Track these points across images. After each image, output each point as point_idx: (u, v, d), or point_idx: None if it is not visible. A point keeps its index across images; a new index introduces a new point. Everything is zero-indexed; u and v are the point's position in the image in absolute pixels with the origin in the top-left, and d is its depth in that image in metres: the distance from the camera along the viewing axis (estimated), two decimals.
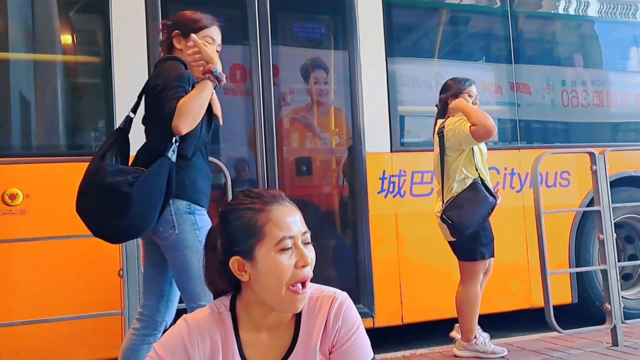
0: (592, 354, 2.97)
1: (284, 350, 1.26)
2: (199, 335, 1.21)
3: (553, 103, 4.20)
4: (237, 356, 1.23)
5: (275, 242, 1.19)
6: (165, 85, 1.99)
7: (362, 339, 1.29)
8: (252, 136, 3.41)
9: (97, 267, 2.80)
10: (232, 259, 1.22)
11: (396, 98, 3.73)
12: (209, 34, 2.15)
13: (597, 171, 3.11)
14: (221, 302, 1.28)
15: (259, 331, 1.26)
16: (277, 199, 1.25)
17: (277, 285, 1.19)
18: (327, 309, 1.27)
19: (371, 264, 3.49)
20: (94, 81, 3.28)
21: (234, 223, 1.23)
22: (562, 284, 3.79)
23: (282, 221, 1.21)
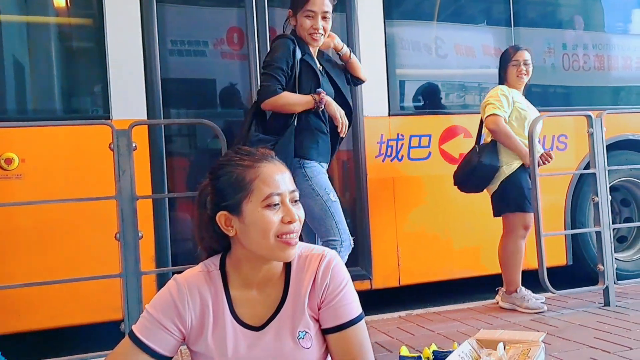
0: (584, 314, 3.02)
1: (274, 305, 1.29)
2: (188, 293, 1.24)
3: (553, 66, 4.16)
4: (228, 312, 1.26)
5: (262, 198, 1.21)
6: (265, 64, 2.45)
7: (350, 295, 1.31)
8: (249, 100, 3.39)
9: (94, 230, 2.83)
10: (218, 214, 1.24)
11: (394, 61, 3.69)
12: (309, 8, 2.51)
13: (594, 134, 3.10)
14: (211, 261, 1.31)
15: (249, 288, 1.28)
16: (267, 157, 1.27)
17: (264, 236, 1.21)
18: (315, 266, 1.29)
19: (369, 227, 3.52)
20: (87, 44, 3.24)
21: (222, 179, 1.24)
22: (558, 246, 3.83)
23: (270, 178, 1.23)
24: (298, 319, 1.27)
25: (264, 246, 1.22)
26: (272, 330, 1.27)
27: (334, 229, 2.44)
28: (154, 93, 3.08)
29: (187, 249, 3.24)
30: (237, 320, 1.26)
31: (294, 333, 1.27)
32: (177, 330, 1.23)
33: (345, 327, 1.28)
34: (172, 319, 1.22)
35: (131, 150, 2.32)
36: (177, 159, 3.34)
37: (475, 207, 3.71)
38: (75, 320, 2.89)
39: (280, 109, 2.42)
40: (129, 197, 2.30)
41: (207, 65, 3.49)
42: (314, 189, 2.44)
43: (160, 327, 1.22)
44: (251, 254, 1.25)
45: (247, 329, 1.26)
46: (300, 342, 1.27)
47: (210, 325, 1.25)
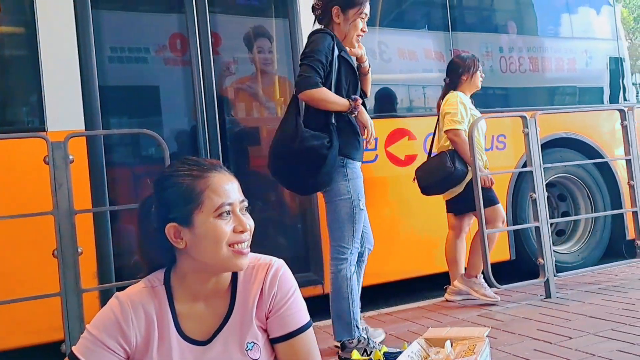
0: (527, 306, 3.15)
1: (220, 318, 1.27)
2: (132, 311, 1.21)
3: (492, 69, 4.31)
4: (173, 328, 1.23)
5: (214, 208, 1.20)
6: (304, 55, 2.44)
7: (298, 304, 1.31)
8: (193, 107, 3.34)
9: (32, 248, 2.69)
10: (168, 226, 1.21)
11: None
12: (364, 10, 2.58)
13: (529, 133, 3.24)
14: (154, 276, 1.28)
15: (195, 301, 1.26)
16: (215, 166, 1.26)
17: (216, 246, 1.20)
18: (262, 275, 1.28)
19: (320, 231, 3.52)
20: (19, 52, 3.09)
21: (170, 190, 1.22)
22: (501, 242, 3.96)
23: (221, 188, 1.22)
24: (246, 330, 1.26)
25: (216, 256, 1.20)
26: (219, 343, 1.25)
27: (349, 237, 2.47)
28: (92, 103, 2.97)
29: (132, 263, 3.13)
30: (183, 336, 1.24)
31: (242, 344, 1.25)
32: (122, 350, 1.19)
33: (293, 336, 1.27)
34: (116, 339, 1.18)
35: (68, 163, 2.23)
36: (119, 171, 3.23)
37: (422, 208, 3.80)
38: (13, 343, 2.74)
39: (315, 102, 2.39)
40: (66, 212, 2.21)
41: (148, 73, 3.41)
42: (349, 191, 2.47)
43: (102, 348, 1.17)
44: (200, 266, 1.23)
45: (193, 344, 1.24)
46: (248, 354, 1.25)
47: (155, 342, 1.21)
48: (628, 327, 2.54)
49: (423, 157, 3.83)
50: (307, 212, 3.55)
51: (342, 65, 2.48)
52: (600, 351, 2.26)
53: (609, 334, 2.48)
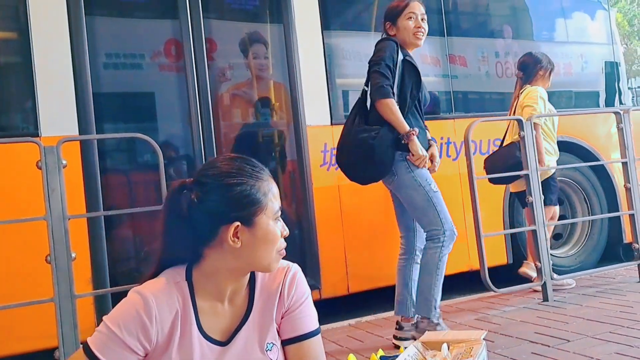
0: (525, 310, 3.13)
1: (239, 318, 1.27)
2: (156, 308, 1.17)
3: (487, 74, 4.32)
4: (195, 326, 1.21)
5: (274, 212, 1.24)
6: (373, 62, 2.71)
7: (311, 308, 1.33)
8: (188, 113, 3.33)
9: (25, 254, 2.67)
10: (230, 225, 1.19)
11: (334, 71, 3.73)
12: (410, 10, 2.78)
13: (526, 137, 3.23)
14: (175, 272, 1.24)
15: (217, 300, 1.26)
16: (266, 169, 1.29)
17: (271, 250, 1.24)
18: (281, 278, 1.30)
19: (316, 236, 3.51)
20: (13, 58, 3.08)
21: (236, 188, 1.20)
22: (498, 246, 3.96)
23: (277, 192, 1.27)
24: (266, 331, 1.27)
25: (265, 259, 1.23)
26: (239, 342, 1.24)
27: (436, 218, 2.64)
28: (86, 108, 2.96)
29: (127, 269, 3.12)
30: (204, 334, 1.22)
31: (262, 345, 1.26)
32: (141, 348, 1.15)
33: (303, 339, 1.29)
34: (137, 336, 1.14)
35: (60, 168, 2.21)
36: (113, 176, 3.22)
37: None
38: (5, 351, 2.71)
39: (382, 110, 2.62)
40: (59, 217, 2.19)
41: (142, 79, 3.40)
42: (417, 180, 2.64)
43: (122, 346, 1.13)
44: (238, 265, 1.23)
45: (214, 343, 1.23)
46: (268, 354, 1.25)
47: (176, 340, 1.19)
48: (626, 330, 2.52)
49: None
50: (304, 217, 3.54)
51: (406, 68, 2.71)
52: (598, 354, 2.24)
53: (606, 336, 2.46)
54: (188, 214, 1.19)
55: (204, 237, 1.21)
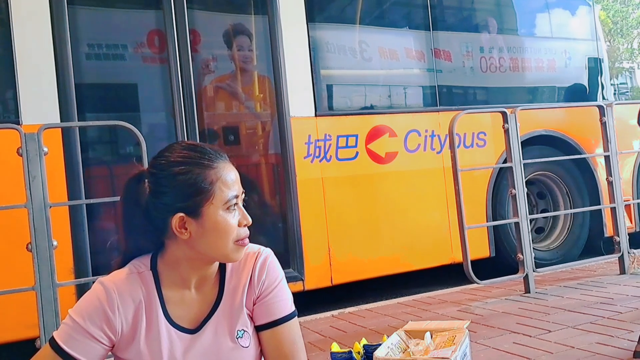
0: (507, 302, 3.16)
1: (209, 305, 1.24)
2: (118, 298, 1.16)
3: (472, 68, 4.34)
4: (161, 315, 1.19)
5: (224, 201, 1.17)
6: None
7: (285, 293, 1.29)
8: (171, 104, 3.30)
9: (5, 242, 2.63)
10: (175, 216, 1.15)
11: (319, 63, 3.72)
12: None
13: (509, 129, 3.26)
14: (140, 262, 1.22)
15: (185, 288, 1.23)
16: (221, 155, 1.22)
17: (223, 240, 1.17)
18: (252, 263, 1.27)
19: (300, 228, 3.51)
20: None
21: (178, 178, 1.16)
22: (481, 239, 3.99)
23: (230, 180, 1.19)
24: (236, 318, 1.24)
25: (220, 250, 1.18)
26: (209, 330, 1.22)
27: None
28: (67, 97, 2.92)
29: (109, 258, 3.09)
30: (172, 323, 1.20)
31: (232, 332, 1.23)
32: (106, 338, 1.15)
33: (278, 324, 1.25)
34: (101, 327, 1.13)
35: (42, 155, 2.18)
36: (96, 165, 3.18)
37: (403, 206, 3.81)
38: None
39: None
40: (40, 205, 2.16)
41: (125, 69, 3.37)
42: None
43: (86, 336, 1.13)
44: (197, 255, 1.19)
45: (182, 332, 1.21)
46: (238, 341, 1.23)
47: (143, 330, 1.17)
48: (606, 320, 2.56)
49: (404, 155, 3.85)
50: (287, 209, 3.53)
51: None
52: (579, 344, 2.27)
53: (587, 327, 2.50)
54: (144, 204, 1.18)
55: (159, 228, 1.18)
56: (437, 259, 3.90)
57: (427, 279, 3.72)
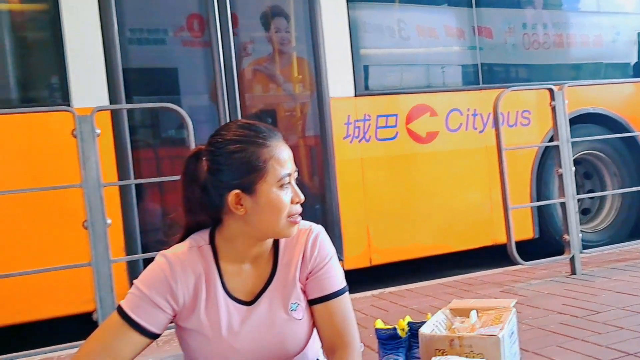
0: (552, 283, 3.11)
1: (264, 279, 1.28)
2: (180, 270, 1.21)
3: (514, 45, 4.23)
4: (220, 287, 1.24)
5: (277, 179, 1.21)
6: None
7: (336, 268, 1.33)
8: (214, 87, 3.35)
9: (60, 221, 2.75)
10: (231, 193, 1.20)
11: (358, 42, 3.69)
12: None
13: (557, 107, 3.18)
14: (199, 236, 1.28)
15: (240, 262, 1.27)
16: (275, 134, 1.25)
17: (276, 217, 1.21)
18: (304, 239, 1.30)
19: (338, 209, 3.53)
20: (44, 33, 3.13)
21: (234, 155, 1.20)
22: (524, 220, 3.92)
23: (283, 158, 1.22)
24: (289, 291, 1.28)
25: (274, 226, 1.22)
26: (264, 303, 1.27)
27: None
28: (115, 81, 3.01)
29: (157, 237, 3.19)
30: (229, 295, 1.25)
31: (286, 305, 1.27)
32: (169, 307, 1.21)
33: (330, 298, 1.29)
34: (164, 296, 1.19)
35: (95, 137, 2.26)
36: (142, 147, 3.27)
37: (442, 187, 3.78)
38: (45, 314, 2.82)
39: None
40: (94, 184, 2.24)
41: (168, 53, 3.43)
42: None
43: (151, 304, 1.19)
44: (252, 231, 1.24)
45: (239, 303, 1.26)
46: (292, 314, 1.27)
47: (202, 301, 1.23)
48: None
49: (445, 134, 3.80)
50: (326, 190, 3.55)
51: None
52: (629, 324, 2.22)
53: (637, 308, 2.43)
54: (202, 181, 1.22)
55: (216, 204, 1.23)
56: (479, 241, 3.86)
57: (466, 262, 3.69)
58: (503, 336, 1.69)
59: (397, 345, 2.01)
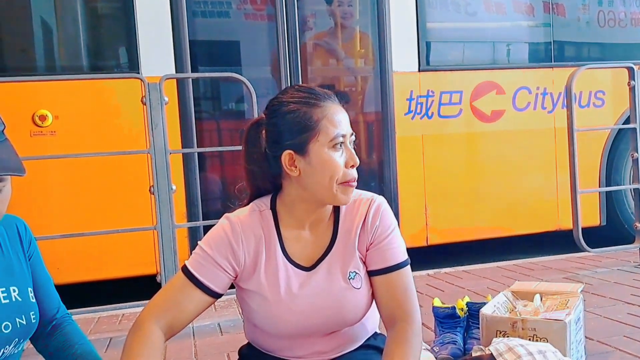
0: (619, 272, 2.97)
1: (324, 246, 1.28)
2: (242, 232, 1.24)
3: (589, 23, 4.00)
4: (280, 251, 1.26)
5: (329, 139, 1.19)
6: None
7: (398, 240, 1.30)
8: (276, 60, 3.36)
9: (128, 185, 2.87)
10: (284, 153, 1.21)
11: (425, 15, 3.58)
12: None
13: (635, 87, 2.98)
14: (261, 201, 1.29)
15: (300, 228, 1.28)
16: (330, 96, 1.25)
17: (329, 181, 1.20)
18: (365, 209, 1.28)
19: (397, 186, 3.49)
20: (116, 3, 3.23)
21: (287, 117, 1.21)
22: (591, 206, 3.75)
23: (336, 118, 1.21)
24: (348, 260, 1.27)
25: (326, 188, 1.21)
26: (323, 270, 1.27)
27: None
28: (182, 51, 3.08)
29: (216, 206, 3.28)
30: (289, 259, 1.26)
31: (344, 273, 1.27)
32: (231, 267, 1.24)
33: (391, 270, 1.27)
34: (227, 257, 1.22)
35: (163, 104, 2.31)
36: (205, 117, 3.34)
37: (505, 168, 3.65)
38: (110, 274, 2.96)
39: None
40: (161, 151, 2.30)
41: (234, 25, 3.46)
42: None
43: (214, 264, 1.22)
44: (308, 196, 1.24)
45: (298, 268, 1.27)
46: (351, 282, 1.26)
47: (262, 263, 1.25)
48: None
49: (511, 113, 3.66)
50: (385, 166, 3.51)
51: None
52: None
53: None
54: (263, 147, 1.24)
55: (276, 169, 1.23)
56: (542, 225, 3.73)
57: (527, 246, 3.58)
58: (570, 322, 1.63)
59: (454, 325, 1.98)
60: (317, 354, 1.28)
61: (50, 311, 1.27)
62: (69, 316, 1.32)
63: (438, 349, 1.88)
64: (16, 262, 1.19)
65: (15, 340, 1.13)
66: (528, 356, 1.41)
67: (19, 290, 1.16)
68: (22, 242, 1.22)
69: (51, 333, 1.26)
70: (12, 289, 1.15)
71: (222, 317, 2.50)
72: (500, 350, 1.43)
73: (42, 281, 1.26)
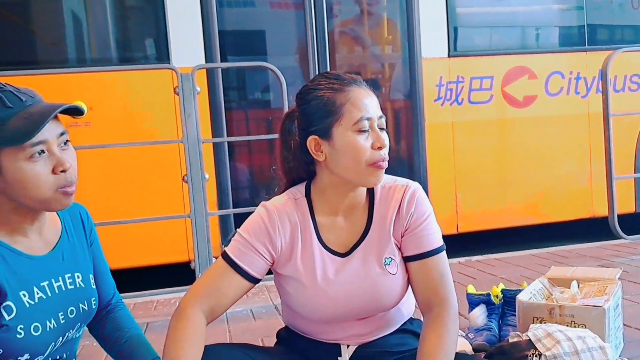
0: None
1: (359, 232, 1.29)
2: (278, 219, 1.26)
3: (622, 5, 3.89)
4: (315, 238, 1.27)
5: (353, 122, 1.20)
6: None
7: (434, 226, 1.30)
8: (304, 48, 3.36)
9: (161, 174, 2.91)
10: (309, 138, 1.23)
11: (454, 0, 3.52)
12: None
13: None
14: (296, 189, 1.32)
15: (335, 215, 1.29)
16: (356, 81, 1.25)
17: (354, 161, 1.20)
18: (400, 195, 1.28)
19: (427, 173, 3.47)
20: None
21: (312, 103, 1.23)
22: (626, 193, 3.66)
23: (360, 102, 1.21)
24: (384, 246, 1.28)
25: (354, 171, 1.21)
26: (358, 256, 1.28)
27: None
28: (212, 41, 3.11)
29: (245, 195, 3.31)
30: (324, 246, 1.28)
31: (380, 259, 1.28)
32: (268, 253, 1.26)
33: (427, 256, 1.27)
34: (264, 243, 1.25)
35: (195, 94, 2.34)
36: (234, 106, 3.37)
37: (537, 154, 3.59)
38: (146, 261, 3.02)
39: None
40: (194, 140, 2.34)
41: (262, 15, 3.47)
42: None
43: (252, 250, 1.25)
44: (339, 180, 1.25)
45: (334, 254, 1.28)
46: (386, 268, 1.27)
47: (299, 249, 1.27)
48: None
49: (544, 98, 3.59)
50: (414, 153, 3.49)
51: None
52: None
53: None
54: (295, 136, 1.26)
55: (307, 156, 1.25)
56: (576, 212, 3.67)
57: (561, 233, 3.52)
58: (609, 308, 1.60)
59: (489, 312, 1.97)
60: (354, 337, 1.29)
61: (107, 297, 1.33)
62: (122, 301, 1.37)
63: (473, 335, 1.87)
64: (80, 249, 1.24)
65: (78, 325, 1.18)
66: (567, 341, 1.40)
67: (82, 276, 1.20)
68: (85, 229, 1.27)
69: (105, 317, 1.31)
70: (77, 275, 1.19)
71: (254, 303, 2.54)
72: (539, 336, 1.42)
73: (101, 268, 1.31)
